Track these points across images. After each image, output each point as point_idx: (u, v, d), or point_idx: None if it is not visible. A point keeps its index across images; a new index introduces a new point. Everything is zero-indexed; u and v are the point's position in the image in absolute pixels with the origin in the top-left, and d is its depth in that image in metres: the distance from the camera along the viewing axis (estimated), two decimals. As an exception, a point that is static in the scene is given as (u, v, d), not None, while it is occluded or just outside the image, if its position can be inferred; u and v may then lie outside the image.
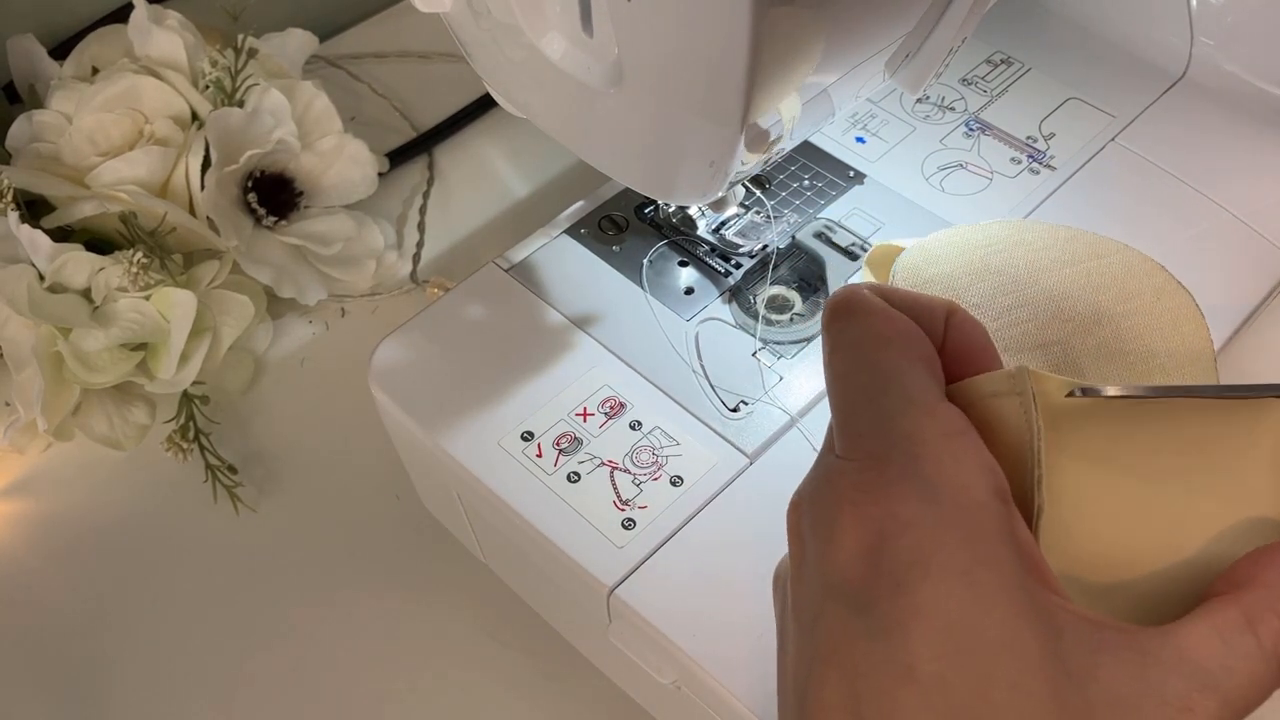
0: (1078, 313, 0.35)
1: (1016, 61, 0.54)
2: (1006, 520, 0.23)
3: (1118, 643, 0.23)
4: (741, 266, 0.45)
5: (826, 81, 0.35)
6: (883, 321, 0.26)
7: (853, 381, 0.26)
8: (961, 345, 0.27)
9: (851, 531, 0.23)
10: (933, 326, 0.27)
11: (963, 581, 0.22)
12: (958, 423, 0.24)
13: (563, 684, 0.46)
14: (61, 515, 0.52)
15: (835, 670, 0.23)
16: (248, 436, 0.54)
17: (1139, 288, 0.36)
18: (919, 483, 0.23)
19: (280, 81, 0.57)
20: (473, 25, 0.40)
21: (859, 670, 0.22)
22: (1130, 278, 0.36)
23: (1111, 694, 0.22)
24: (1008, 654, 0.22)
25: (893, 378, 0.25)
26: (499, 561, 0.47)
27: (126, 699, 0.47)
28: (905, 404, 0.24)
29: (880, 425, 0.24)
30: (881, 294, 0.27)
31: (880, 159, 0.49)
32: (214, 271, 0.53)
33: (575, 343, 0.43)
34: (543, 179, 0.63)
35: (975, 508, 0.23)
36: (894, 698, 0.22)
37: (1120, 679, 0.22)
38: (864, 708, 0.22)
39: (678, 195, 0.40)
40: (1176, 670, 0.22)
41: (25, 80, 0.59)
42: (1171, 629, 0.23)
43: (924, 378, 0.25)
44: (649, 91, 0.34)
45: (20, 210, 0.50)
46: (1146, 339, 0.34)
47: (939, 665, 0.22)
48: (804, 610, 0.25)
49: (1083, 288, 0.36)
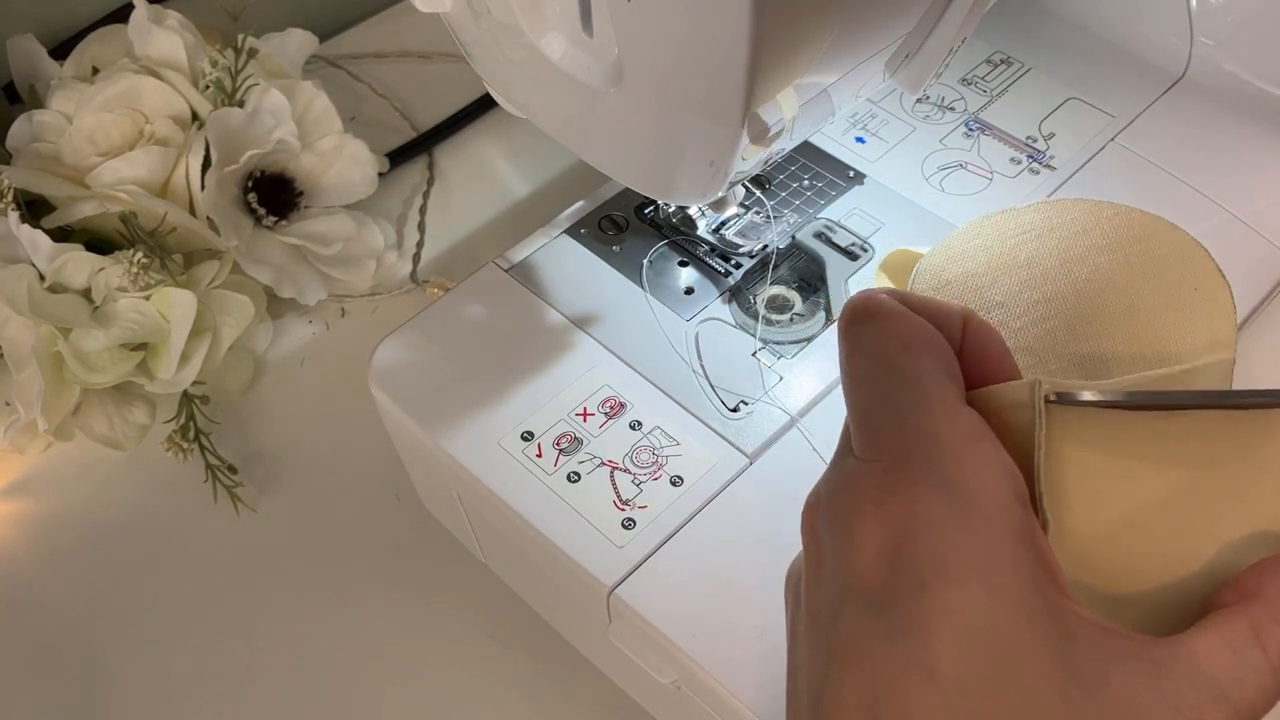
0: (1108, 309, 0.33)
1: (1016, 61, 0.54)
2: (1026, 525, 0.23)
3: (1130, 651, 0.23)
4: (741, 266, 0.45)
5: (826, 81, 0.35)
6: (903, 324, 0.26)
7: (872, 384, 0.26)
8: (978, 351, 0.27)
9: (873, 532, 0.23)
10: (950, 333, 0.27)
11: (984, 585, 0.22)
12: (979, 427, 0.24)
13: (563, 684, 0.46)
14: (61, 515, 0.52)
15: (854, 672, 0.23)
16: (248, 436, 0.54)
17: (1179, 278, 0.34)
18: (941, 483, 0.23)
19: (280, 81, 0.57)
20: (473, 25, 0.40)
21: (877, 672, 0.22)
22: (1170, 266, 0.34)
23: (1123, 701, 0.22)
24: (1024, 659, 0.22)
25: (913, 380, 0.25)
26: (499, 561, 0.47)
27: (126, 699, 0.47)
28: (926, 405, 0.24)
29: (901, 426, 0.24)
30: (898, 299, 0.27)
31: (880, 159, 0.49)
32: (214, 271, 0.53)
33: (575, 343, 0.43)
34: (543, 179, 0.63)
35: (997, 510, 0.23)
36: (913, 699, 0.22)
37: (1132, 687, 0.22)
38: (882, 709, 0.22)
39: (678, 195, 0.40)
40: (1189, 681, 0.22)
41: (25, 80, 0.59)
42: (1182, 640, 0.23)
43: (944, 381, 0.25)
44: (649, 91, 0.34)
45: (20, 210, 0.50)
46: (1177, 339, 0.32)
47: (959, 668, 0.21)
48: (820, 611, 0.25)
49: (1117, 278, 0.34)
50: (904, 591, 0.22)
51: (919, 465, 0.24)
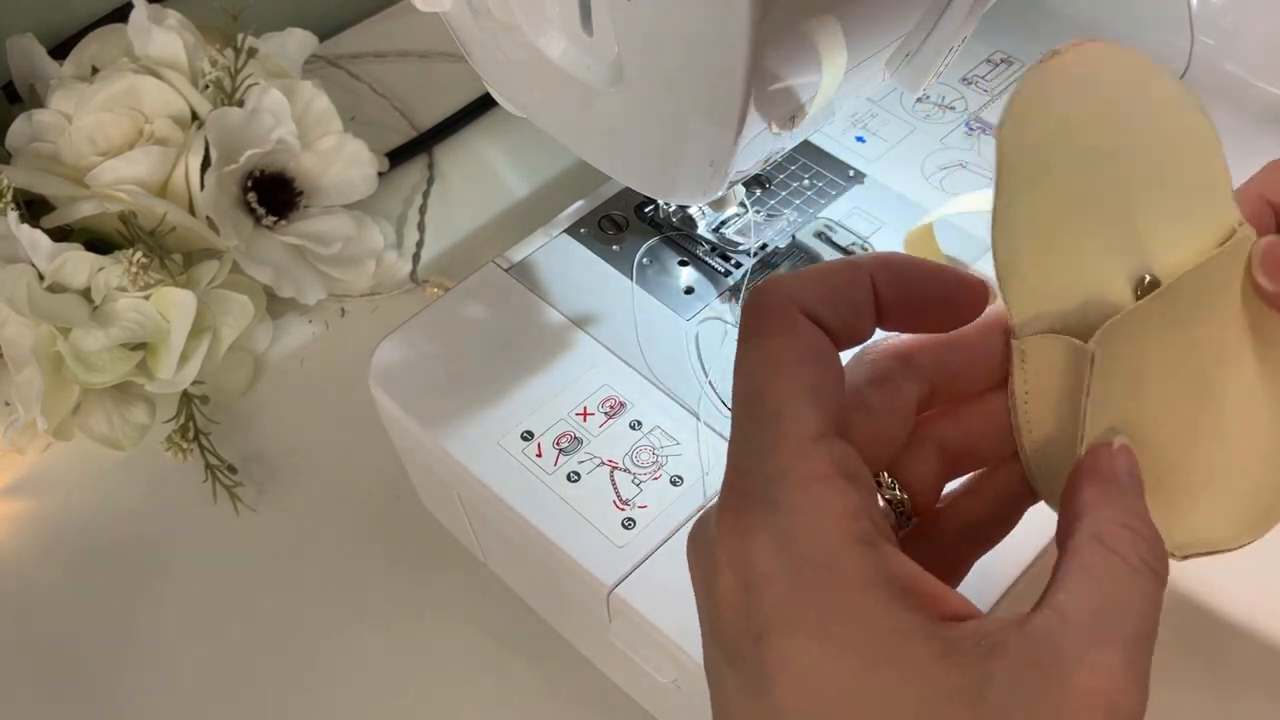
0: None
1: (1016, 61, 0.54)
2: (868, 567, 0.23)
3: (1005, 638, 0.22)
4: (741, 266, 0.45)
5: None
6: (781, 346, 0.25)
7: (741, 411, 0.25)
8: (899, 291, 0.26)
9: (724, 577, 0.24)
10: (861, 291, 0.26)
11: (818, 636, 0.22)
12: (824, 465, 0.23)
13: (563, 684, 0.46)
14: (61, 515, 0.52)
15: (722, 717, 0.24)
16: (248, 436, 0.54)
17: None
18: (776, 533, 0.23)
19: (280, 81, 0.57)
20: (472, 25, 0.40)
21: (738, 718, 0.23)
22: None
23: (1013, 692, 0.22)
24: (870, 703, 0.22)
25: (773, 412, 0.24)
26: (499, 561, 0.47)
27: (126, 699, 0.47)
28: (778, 444, 0.24)
29: (752, 465, 0.24)
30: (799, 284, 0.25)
31: (880, 158, 0.49)
32: (214, 271, 0.53)
33: (575, 342, 0.43)
34: (543, 179, 0.63)
35: (831, 560, 0.23)
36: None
37: (1017, 674, 0.22)
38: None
39: (678, 194, 0.40)
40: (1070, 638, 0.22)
41: (25, 80, 0.59)
42: (1047, 599, 0.23)
43: (808, 412, 0.24)
44: (649, 90, 0.34)
45: (20, 210, 0.50)
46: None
47: (803, 716, 0.22)
48: (704, 650, 0.25)
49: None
50: (746, 643, 0.23)
51: (759, 513, 0.23)
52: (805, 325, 0.25)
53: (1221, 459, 0.28)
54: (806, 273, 0.25)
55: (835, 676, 0.22)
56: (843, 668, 0.22)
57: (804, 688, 0.22)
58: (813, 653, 0.22)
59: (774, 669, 0.22)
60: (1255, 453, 0.28)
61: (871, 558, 0.23)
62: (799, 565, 0.23)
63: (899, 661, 0.22)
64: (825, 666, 0.22)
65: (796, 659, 0.22)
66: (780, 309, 0.25)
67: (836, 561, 0.23)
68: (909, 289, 0.26)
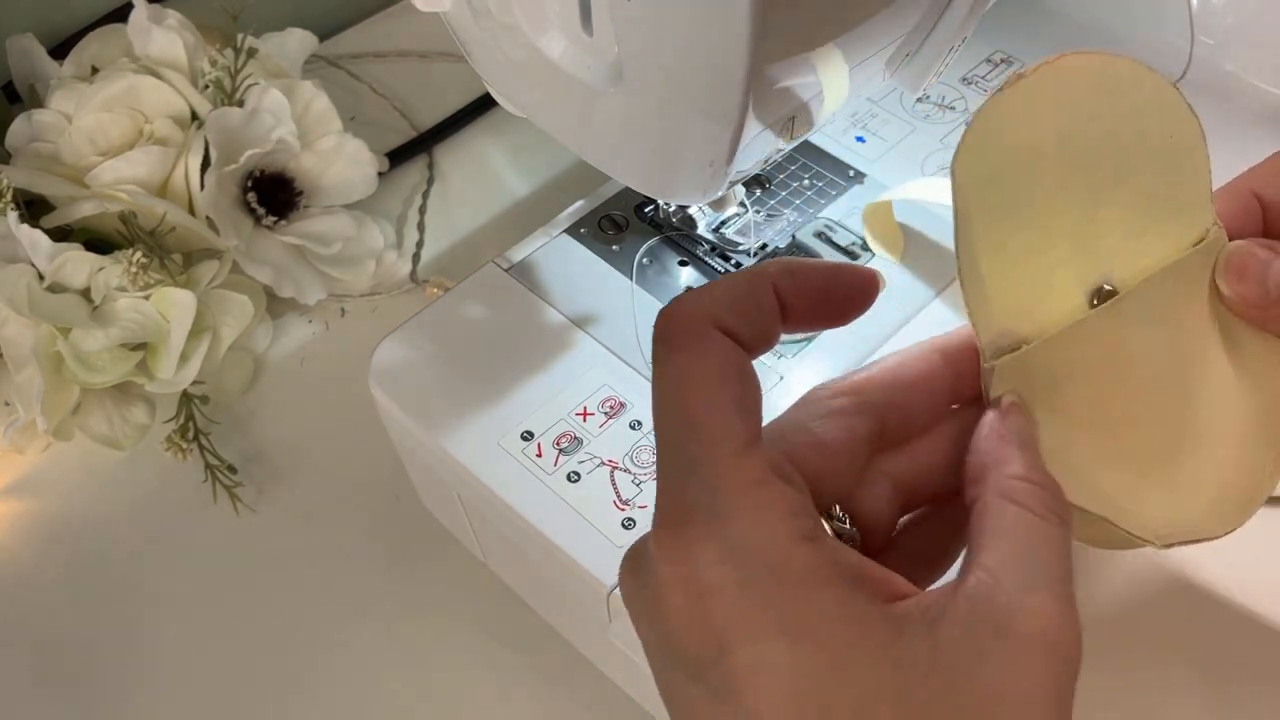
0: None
1: (1016, 61, 0.54)
2: (817, 562, 0.23)
3: (946, 605, 0.23)
4: (742, 266, 0.45)
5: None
6: (698, 361, 0.25)
7: (664, 428, 0.25)
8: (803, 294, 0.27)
9: (672, 597, 0.24)
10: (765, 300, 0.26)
11: (780, 636, 0.23)
12: (760, 470, 0.24)
13: (563, 684, 0.46)
14: (61, 515, 0.52)
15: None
16: (248, 436, 0.54)
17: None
18: (722, 542, 0.23)
19: (280, 81, 0.57)
20: (472, 24, 0.40)
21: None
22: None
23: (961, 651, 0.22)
24: (840, 692, 0.22)
25: (702, 426, 0.24)
26: (499, 561, 0.47)
27: (126, 699, 0.47)
28: (711, 454, 0.24)
29: (685, 480, 0.24)
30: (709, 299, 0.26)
31: (880, 158, 0.49)
32: (214, 271, 0.53)
33: (575, 342, 0.43)
34: (543, 179, 0.63)
35: (781, 561, 0.23)
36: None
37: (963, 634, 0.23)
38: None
39: (678, 194, 0.40)
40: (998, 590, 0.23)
41: (25, 80, 0.59)
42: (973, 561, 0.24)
43: (733, 421, 0.24)
44: (649, 90, 0.34)
45: (20, 210, 0.50)
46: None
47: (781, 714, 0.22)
48: (657, 675, 0.25)
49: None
50: (709, 655, 0.23)
51: (702, 526, 0.24)
52: (719, 339, 0.25)
53: (1200, 451, 0.29)
54: (715, 286, 0.26)
55: (804, 673, 0.22)
56: (810, 664, 0.22)
57: (775, 689, 0.22)
58: (778, 653, 0.22)
59: (743, 677, 0.22)
60: (1232, 442, 0.29)
61: (819, 553, 0.23)
62: (750, 570, 0.23)
63: (860, 648, 0.23)
64: (792, 665, 0.22)
65: (763, 663, 0.22)
66: (693, 325, 0.25)
67: (787, 561, 0.23)
68: (810, 290, 0.27)
